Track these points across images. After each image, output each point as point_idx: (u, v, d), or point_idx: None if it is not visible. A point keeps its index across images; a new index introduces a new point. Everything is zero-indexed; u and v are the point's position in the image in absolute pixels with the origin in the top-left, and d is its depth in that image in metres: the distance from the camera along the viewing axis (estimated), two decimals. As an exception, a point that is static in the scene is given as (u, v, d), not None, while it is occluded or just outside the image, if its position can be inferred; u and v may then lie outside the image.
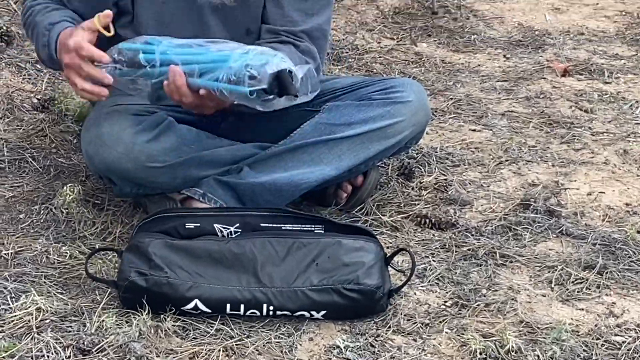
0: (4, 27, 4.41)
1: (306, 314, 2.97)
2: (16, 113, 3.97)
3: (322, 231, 3.12)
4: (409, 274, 3.09)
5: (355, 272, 2.98)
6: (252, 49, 3.03)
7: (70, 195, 3.40)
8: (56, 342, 2.80)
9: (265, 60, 2.95)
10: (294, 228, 3.12)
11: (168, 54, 3.06)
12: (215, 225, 3.11)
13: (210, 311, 2.96)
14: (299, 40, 3.36)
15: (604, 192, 3.69)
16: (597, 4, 5.45)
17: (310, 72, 3.10)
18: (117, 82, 3.10)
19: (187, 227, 3.10)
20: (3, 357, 2.71)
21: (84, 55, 3.04)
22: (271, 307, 2.95)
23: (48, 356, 2.75)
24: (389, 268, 3.08)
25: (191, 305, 2.95)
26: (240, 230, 3.11)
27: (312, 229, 3.13)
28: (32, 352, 2.75)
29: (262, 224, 3.12)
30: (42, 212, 3.41)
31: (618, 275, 3.23)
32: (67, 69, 3.11)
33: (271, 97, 2.94)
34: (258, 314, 2.96)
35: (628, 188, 3.73)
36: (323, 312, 2.97)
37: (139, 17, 3.36)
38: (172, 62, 3.02)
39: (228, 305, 2.96)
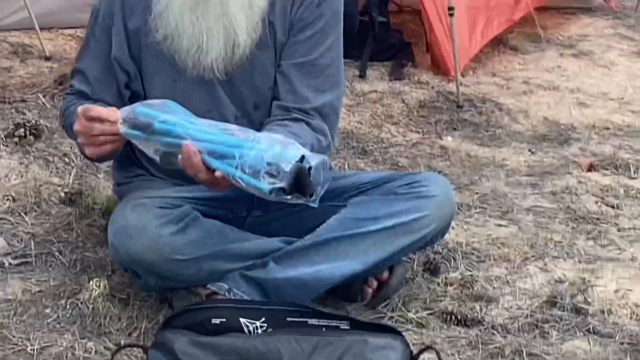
0: (33, 121, 4.44)
1: None
2: (43, 207, 3.98)
3: (348, 327, 3.10)
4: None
5: None
6: (266, 137, 3.03)
7: (96, 290, 3.40)
8: None
9: (282, 153, 2.94)
10: (320, 323, 3.11)
11: (183, 125, 3.06)
12: (241, 319, 3.09)
13: None
14: (310, 118, 3.38)
15: (631, 290, 3.67)
16: (622, 98, 5.46)
17: (324, 163, 3.11)
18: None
19: (213, 322, 3.09)
20: None
21: (92, 115, 3.11)
22: None
23: None
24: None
25: None
26: (265, 324, 3.09)
27: (338, 325, 3.11)
28: None
29: (287, 319, 3.10)
30: (68, 306, 3.40)
31: (649, 376, 3.22)
32: (78, 135, 3.18)
33: (289, 197, 2.93)
34: None
35: (656, 285, 3.72)
36: None
37: (150, 98, 3.39)
38: (186, 136, 3.02)
39: None
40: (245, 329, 3.09)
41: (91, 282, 3.43)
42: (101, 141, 3.15)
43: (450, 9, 5.34)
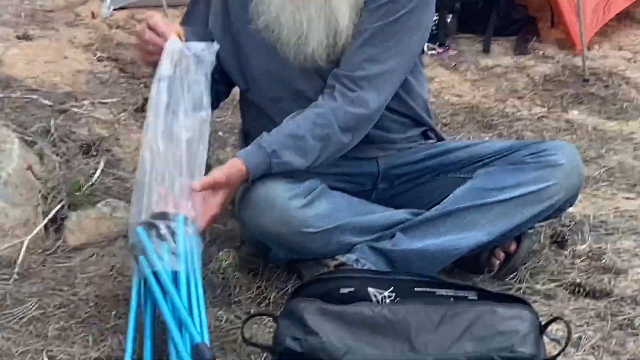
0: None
1: None
2: (173, 179, 4.03)
3: (476, 298, 3.09)
4: (564, 343, 3.04)
5: (510, 340, 2.94)
6: None
7: (226, 261, 3.43)
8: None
9: None
10: (448, 294, 3.10)
11: None
12: (369, 289, 3.10)
13: None
14: (353, 89, 3.32)
15: None
16: None
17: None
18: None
19: (341, 292, 3.10)
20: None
21: (150, 24, 3.28)
22: None
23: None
24: (544, 337, 3.05)
25: None
26: (393, 294, 3.09)
27: (466, 295, 3.10)
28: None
29: (415, 289, 3.10)
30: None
31: None
32: (135, 35, 3.45)
33: None
34: None
35: None
36: None
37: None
38: None
39: None
40: (374, 299, 3.10)
41: (221, 253, 3.46)
42: (149, 50, 3.27)
43: (577, -19, 5.30)
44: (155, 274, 2.95)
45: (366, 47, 3.33)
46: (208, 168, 3.27)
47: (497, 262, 3.48)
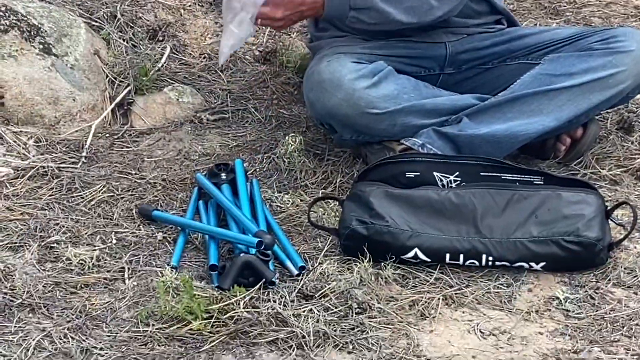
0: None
1: (525, 265, 2.96)
2: (239, 65, 4.04)
3: (542, 183, 3.10)
4: (630, 228, 3.04)
5: (575, 225, 2.95)
6: None
7: (292, 145, 3.44)
8: (281, 288, 2.87)
9: None
10: (514, 178, 3.11)
11: None
12: (434, 173, 3.11)
13: (429, 260, 2.97)
14: None
15: None
16: None
17: None
18: None
19: (407, 176, 3.11)
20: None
21: None
22: (490, 258, 2.95)
23: (274, 299, 2.80)
24: (609, 221, 3.04)
25: (411, 254, 2.96)
26: (459, 179, 3.11)
27: (532, 180, 3.10)
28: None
29: (481, 173, 3.11)
30: (264, 161, 3.47)
31: None
32: None
33: None
34: (477, 264, 2.97)
35: None
36: (542, 264, 2.95)
37: None
38: None
39: (447, 255, 2.97)
40: (439, 183, 3.11)
41: (287, 138, 3.48)
42: None
43: None
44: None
45: None
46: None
47: (564, 147, 3.47)
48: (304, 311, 2.77)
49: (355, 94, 3.27)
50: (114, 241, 3.07)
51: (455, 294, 2.87)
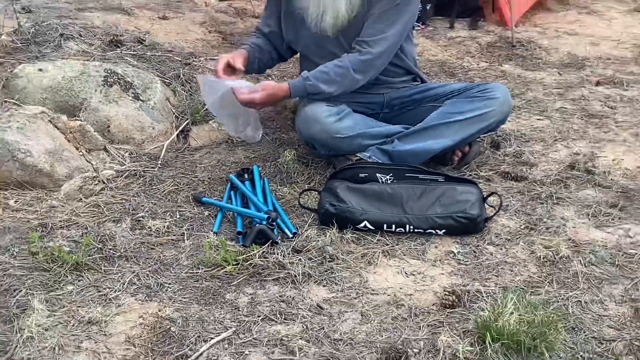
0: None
1: (433, 231, 2.94)
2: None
3: (443, 180, 3.09)
4: (497, 208, 3.04)
5: (464, 206, 2.94)
6: None
7: (288, 157, 3.42)
8: (282, 245, 2.85)
9: None
10: (426, 177, 3.10)
11: None
12: (377, 174, 3.11)
13: (373, 229, 2.96)
14: (365, 47, 3.26)
15: (623, 159, 3.56)
16: (619, 40, 5.25)
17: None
18: None
19: (360, 175, 3.10)
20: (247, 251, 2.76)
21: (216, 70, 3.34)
22: (411, 227, 2.94)
23: (277, 253, 2.79)
24: (486, 205, 3.04)
25: (362, 225, 2.95)
26: (392, 177, 3.10)
27: (437, 178, 3.10)
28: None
29: (406, 174, 3.11)
30: (271, 167, 3.44)
31: (632, 211, 3.12)
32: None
33: None
34: (403, 231, 2.95)
35: (638, 157, 3.59)
36: (443, 231, 2.94)
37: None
38: None
39: (384, 225, 2.95)
40: (380, 180, 3.10)
41: (285, 152, 3.45)
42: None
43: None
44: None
45: (375, 23, 3.28)
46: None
47: (457, 158, 3.45)
48: (296, 260, 2.76)
49: (327, 126, 3.25)
50: (178, 216, 3.05)
51: (390, 249, 2.86)
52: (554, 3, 5.95)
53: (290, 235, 2.91)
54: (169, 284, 2.64)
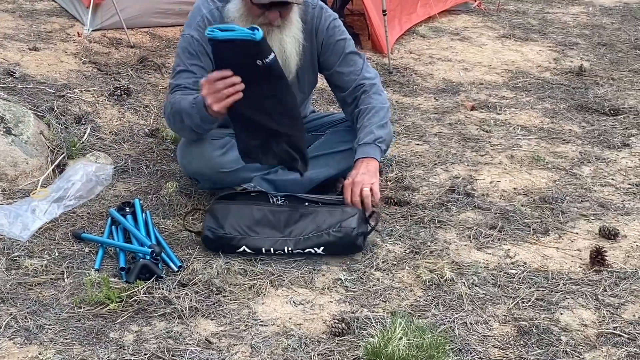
0: (125, 85, 4.39)
1: (312, 250, 2.96)
2: (135, 138, 3.95)
3: (321, 204, 3.11)
4: (375, 224, 3.06)
5: (339, 222, 2.97)
6: None
7: (171, 189, 3.38)
8: (167, 280, 2.81)
9: None
10: (310, 200, 3.13)
11: None
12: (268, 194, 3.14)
13: (253, 252, 2.97)
14: (371, 83, 3.32)
15: (499, 181, 3.68)
16: (490, 65, 5.45)
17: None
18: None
19: (252, 194, 3.14)
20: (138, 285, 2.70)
21: (214, 77, 2.84)
22: (290, 248, 2.96)
23: (163, 287, 2.74)
24: (368, 225, 3.06)
25: (241, 249, 2.96)
26: (284, 198, 3.13)
27: (318, 201, 3.12)
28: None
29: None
30: (153, 199, 3.39)
31: (511, 232, 3.23)
32: (207, 97, 2.87)
33: None
34: (282, 253, 2.96)
35: (514, 178, 3.72)
36: (322, 248, 2.96)
37: None
38: None
39: (263, 249, 2.97)
40: (271, 200, 3.11)
41: (167, 184, 3.42)
42: (225, 94, 2.83)
43: (384, 11, 5.30)
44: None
45: (349, 66, 3.32)
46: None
47: (340, 185, 3.47)
48: (182, 294, 2.72)
49: (211, 160, 3.19)
50: (57, 254, 2.96)
51: (277, 278, 2.86)
52: (426, 29, 6.13)
53: (176, 269, 2.87)
54: (49, 325, 2.55)
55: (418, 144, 4.10)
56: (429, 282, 2.85)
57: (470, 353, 2.49)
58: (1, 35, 4.94)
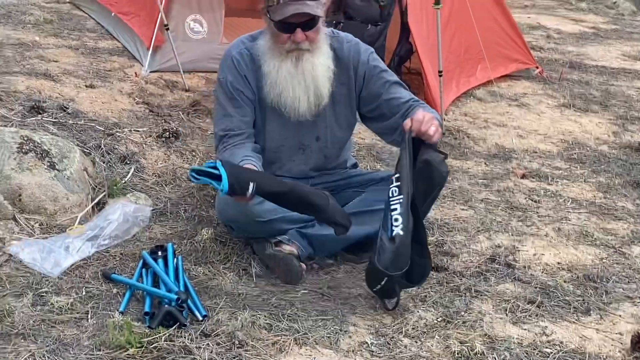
0: (174, 128, 4.42)
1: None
2: (177, 182, 3.96)
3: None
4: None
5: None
6: None
7: (206, 235, 3.37)
8: (190, 328, 2.77)
9: None
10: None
11: None
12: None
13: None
14: (415, 101, 3.31)
15: (543, 254, 3.58)
16: (546, 134, 5.36)
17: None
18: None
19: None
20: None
21: None
22: None
23: (185, 336, 2.70)
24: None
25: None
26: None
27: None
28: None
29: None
30: (187, 244, 3.38)
31: (550, 309, 3.12)
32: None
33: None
34: None
35: (559, 252, 3.61)
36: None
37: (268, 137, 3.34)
38: None
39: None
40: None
41: (203, 230, 3.41)
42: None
43: (440, 72, 5.27)
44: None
45: (396, 92, 3.31)
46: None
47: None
48: (203, 345, 2.68)
49: (248, 209, 3.15)
50: (84, 293, 2.95)
51: (302, 336, 2.80)
52: (484, 93, 6.07)
53: (200, 318, 2.83)
54: (67, 365, 2.53)
55: (463, 209, 4.02)
56: (458, 353, 2.76)
57: None
58: (61, 71, 5.03)
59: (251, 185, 2.84)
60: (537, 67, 6.82)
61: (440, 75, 5.27)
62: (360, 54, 3.32)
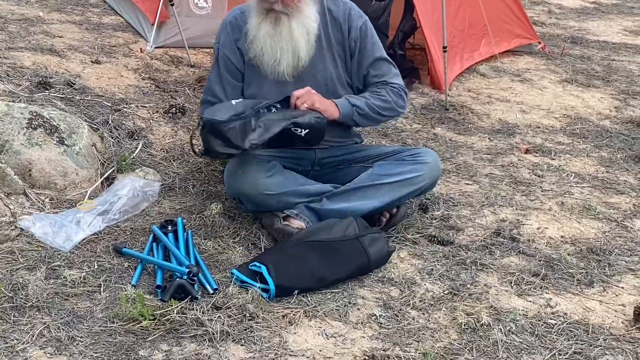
0: (181, 104, 4.44)
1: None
2: (185, 157, 3.98)
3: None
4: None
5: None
6: None
7: (215, 210, 3.41)
8: (201, 301, 2.80)
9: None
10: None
11: None
12: None
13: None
14: (390, 83, 3.48)
15: (547, 228, 3.61)
16: (549, 109, 5.37)
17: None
18: None
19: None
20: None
21: None
22: None
23: (196, 309, 2.73)
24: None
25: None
26: None
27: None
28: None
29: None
30: (196, 219, 3.41)
31: (554, 281, 3.16)
32: None
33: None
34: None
35: (563, 226, 3.65)
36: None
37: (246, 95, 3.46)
38: None
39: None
40: None
41: (212, 205, 3.44)
42: None
43: (445, 47, 5.28)
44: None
45: (380, 67, 3.50)
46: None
47: (384, 219, 3.46)
48: (215, 317, 2.72)
49: (257, 182, 3.22)
50: (96, 267, 2.99)
51: (312, 309, 2.84)
52: (487, 68, 6.08)
53: (211, 291, 2.87)
54: (81, 337, 2.57)
55: (468, 184, 4.05)
56: (464, 325, 2.80)
57: (501, 402, 2.43)
58: (66, 47, 5.04)
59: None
60: (540, 43, 6.82)
61: (444, 51, 5.28)
62: (353, 18, 3.44)
